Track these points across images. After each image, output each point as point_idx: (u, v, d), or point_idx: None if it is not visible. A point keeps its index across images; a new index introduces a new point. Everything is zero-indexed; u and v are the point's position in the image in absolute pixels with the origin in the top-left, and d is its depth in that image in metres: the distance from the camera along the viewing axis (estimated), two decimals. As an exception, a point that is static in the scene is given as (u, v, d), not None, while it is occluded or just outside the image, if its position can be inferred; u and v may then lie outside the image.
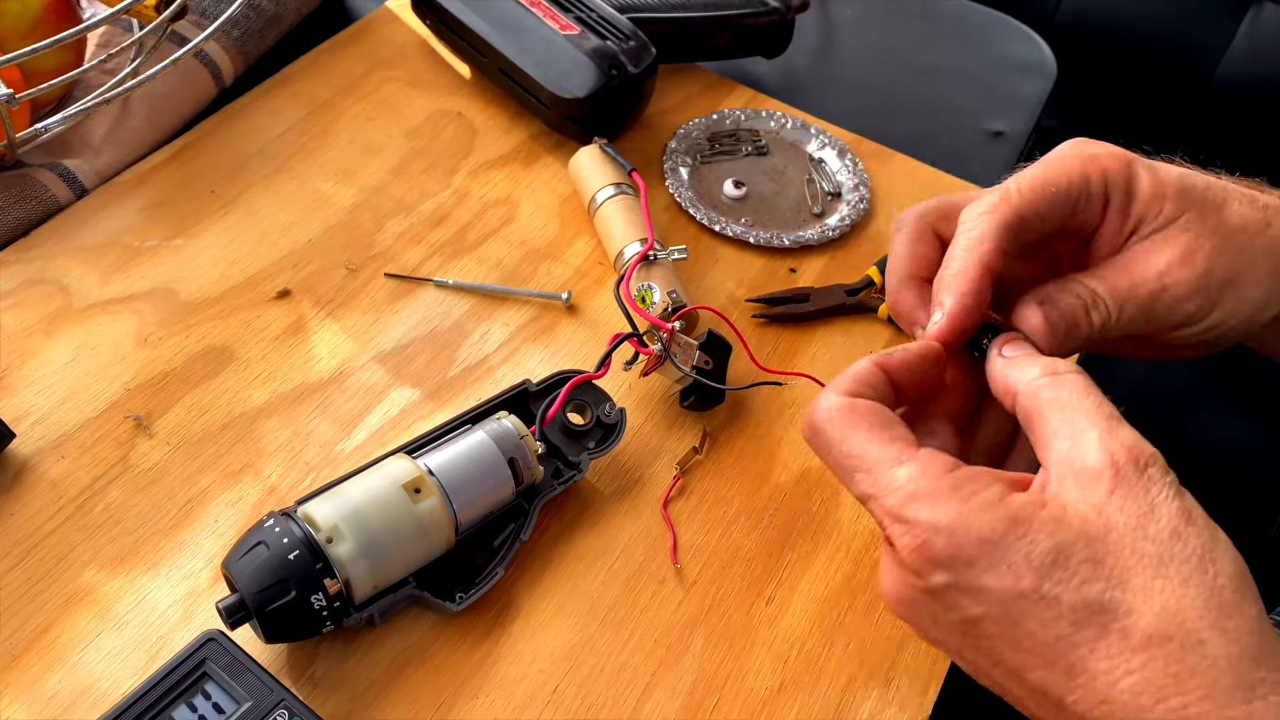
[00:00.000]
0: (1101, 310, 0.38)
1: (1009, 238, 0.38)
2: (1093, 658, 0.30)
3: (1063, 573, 0.30)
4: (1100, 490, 0.31)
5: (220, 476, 0.46)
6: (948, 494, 0.31)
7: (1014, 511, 0.31)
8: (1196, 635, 0.29)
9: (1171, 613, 0.29)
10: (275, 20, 0.64)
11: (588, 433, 0.47)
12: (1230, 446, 1.05)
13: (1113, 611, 0.30)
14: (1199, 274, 0.38)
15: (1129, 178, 0.39)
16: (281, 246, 0.55)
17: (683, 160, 0.63)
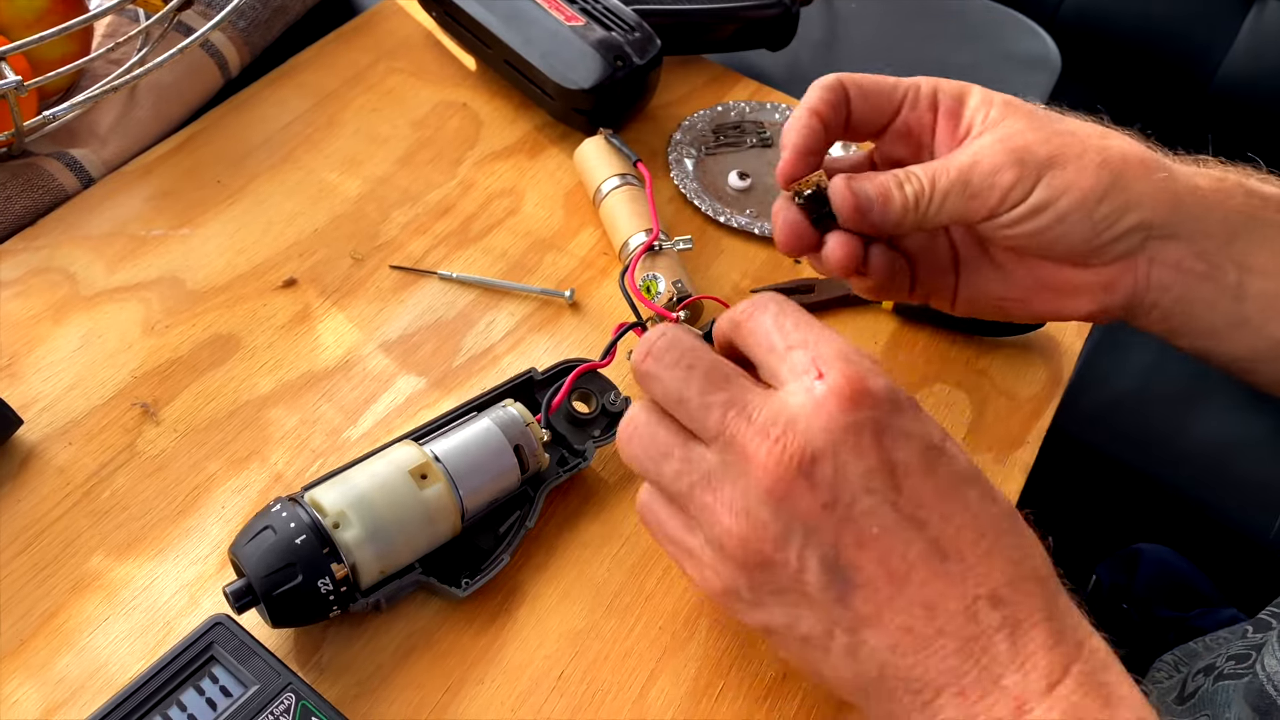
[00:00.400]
0: (914, 183, 0.42)
1: (833, 91, 0.44)
2: (983, 512, 0.34)
3: (951, 444, 0.35)
4: None
5: (227, 463, 0.46)
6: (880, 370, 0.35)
7: None
8: (1023, 519, 0.35)
9: (1008, 501, 0.35)
10: (281, 11, 0.64)
11: (593, 421, 0.47)
12: (1234, 443, 1.05)
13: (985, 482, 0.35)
14: (1013, 148, 0.42)
15: (961, 89, 0.45)
16: (287, 236, 0.55)
17: (687, 152, 0.63)
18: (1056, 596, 0.34)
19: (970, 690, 0.32)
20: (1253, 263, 0.43)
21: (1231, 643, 0.63)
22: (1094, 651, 0.33)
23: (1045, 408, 0.53)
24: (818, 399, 0.33)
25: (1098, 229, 0.42)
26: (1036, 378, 0.54)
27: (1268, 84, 1.36)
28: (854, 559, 0.33)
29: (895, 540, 0.33)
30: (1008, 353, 0.55)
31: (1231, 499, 1.02)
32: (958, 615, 0.32)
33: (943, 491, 0.34)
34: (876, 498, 0.33)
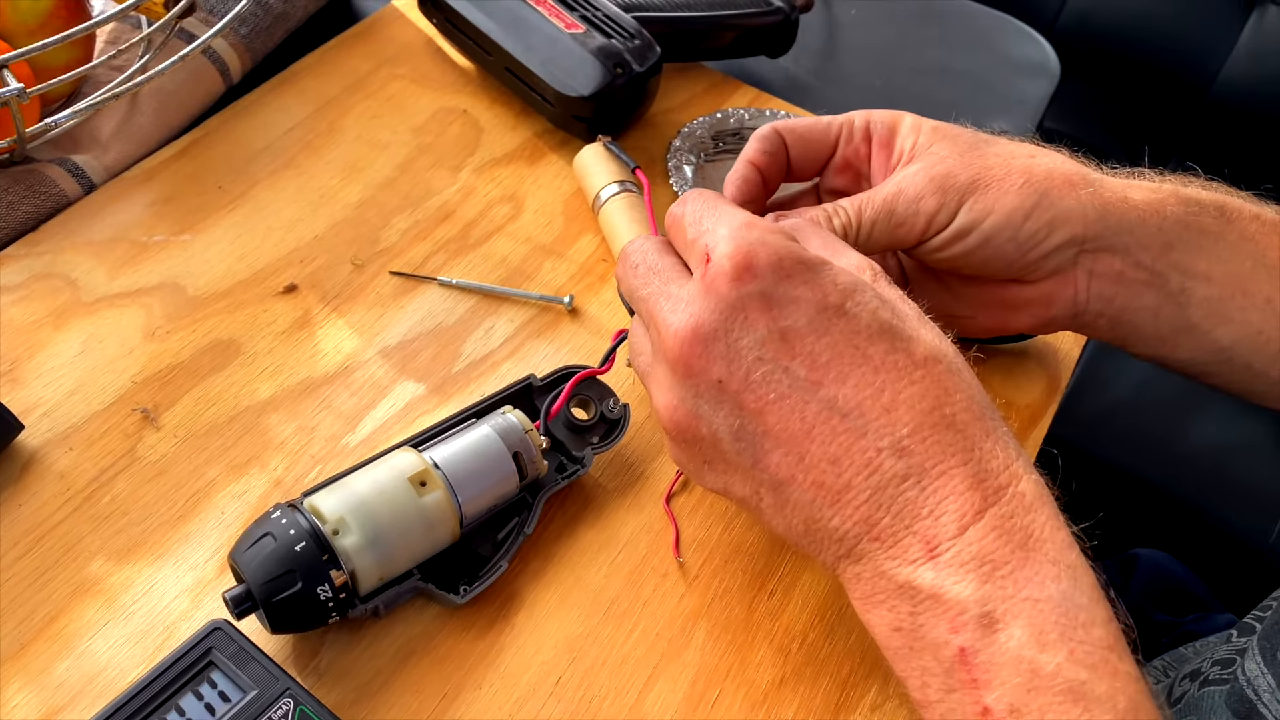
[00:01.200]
0: (842, 215, 0.44)
1: (770, 141, 0.47)
2: (884, 367, 0.35)
3: (860, 297, 0.36)
4: (866, 276, 0.37)
5: (227, 469, 0.46)
6: (777, 231, 0.37)
7: (823, 256, 0.37)
8: (956, 364, 0.36)
9: (938, 345, 0.36)
10: (283, 18, 0.64)
11: (592, 428, 0.47)
12: (1232, 447, 1.05)
13: (898, 334, 0.35)
14: (933, 176, 0.44)
15: (893, 118, 0.47)
16: (288, 242, 0.55)
17: (687, 159, 0.63)
18: (979, 440, 0.34)
19: (884, 536, 0.34)
20: (1193, 268, 0.45)
21: (1218, 648, 0.63)
22: (1019, 495, 0.34)
23: (1043, 415, 0.53)
24: (708, 280, 0.36)
25: (1024, 248, 0.44)
26: (1034, 385, 0.54)
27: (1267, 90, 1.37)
28: (758, 425, 0.36)
29: (792, 403, 0.35)
30: (1005, 360, 0.55)
31: (1229, 504, 1.03)
32: (862, 468, 0.34)
33: (838, 350, 0.35)
34: (769, 365, 0.35)
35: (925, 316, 0.37)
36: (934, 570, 0.33)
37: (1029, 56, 0.77)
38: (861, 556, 0.35)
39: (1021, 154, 0.45)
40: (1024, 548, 0.33)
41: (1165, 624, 0.71)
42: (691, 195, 0.40)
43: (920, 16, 0.79)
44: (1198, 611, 0.72)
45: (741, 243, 0.36)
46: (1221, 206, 0.45)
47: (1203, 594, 0.75)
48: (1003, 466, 0.34)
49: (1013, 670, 0.31)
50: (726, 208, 0.39)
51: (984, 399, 0.36)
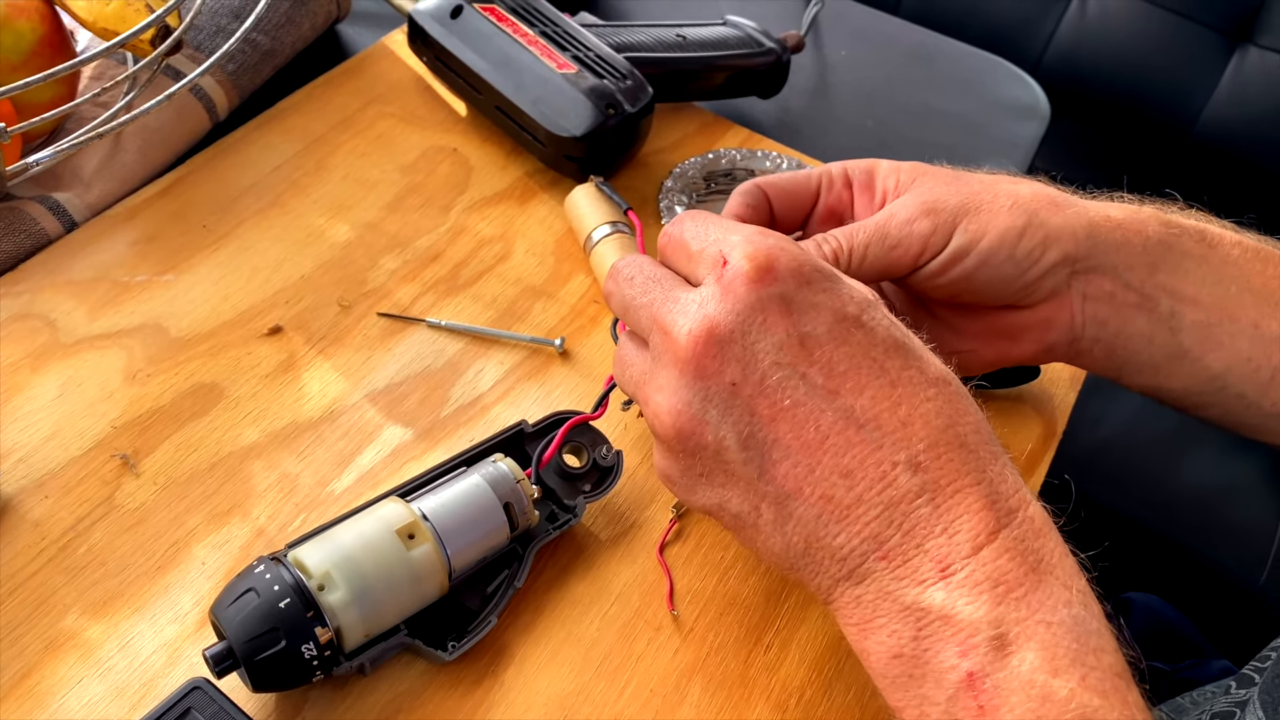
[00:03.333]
0: (831, 243, 0.44)
1: (753, 195, 0.47)
2: (901, 380, 0.34)
3: (876, 313, 0.35)
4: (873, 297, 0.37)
5: (208, 517, 0.45)
6: (791, 241, 0.37)
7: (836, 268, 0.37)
8: (963, 390, 0.36)
9: (945, 369, 0.36)
10: (270, 55, 0.63)
11: (584, 475, 0.46)
12: (1224, 487, 1.05)
13: (911, 351, 0.35)
14: (923, 200, 0.44)
15: (870, 164, 0.47)
16: (274, 282, 0.54)
17: (679, 199, 0.63)
18: (989, 463, 0.34)
19: (893, 554, 0.33)
20: (1181, 291, 0.45)
21: (1217, 698, 0.62)
22: (1029, 519, 0.33)
23: (1040, 462, 0.53)
24: (725, 282, 0.35)
25: (1022, 266, 0.44)
26: (1031, 431, 0.54)
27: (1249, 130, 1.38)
28: (769, 433, 0.35)
29: (807, 411, 0.34)
30: (1002, 406, 0.55)
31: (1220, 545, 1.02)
32: (876, 482, 0.33)
33: (856, 361, 0.34)
34: (786, 370, 0.34)
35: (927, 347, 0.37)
36: (945, 590, 0.32)
37: (1019, 98, 0.77)
38: (865, 577, 0.34)
39: (1004, 181, 0.45)
40: (1036, 571, 0.32)
41: (1160, 671, 0.70)
42: (688, 214, 0.39)
43: (910, 58, 0.80)
44: (1192, 658, 0.71)
45: (761, 246, 0.35)
46: (1202, 231, 0.46)
47: (1196, 639, 0.75)
48: (1013, 490, 0.34)
49: (1023, 695, 0.31)
50: (731, 220, 0.38)
51: (989, 426, 0.36)
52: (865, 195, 0.47)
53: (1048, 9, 1.35)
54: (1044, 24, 1.35)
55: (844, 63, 0.78)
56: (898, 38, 0.82)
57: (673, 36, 0.66)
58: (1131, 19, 1.34)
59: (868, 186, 0.47)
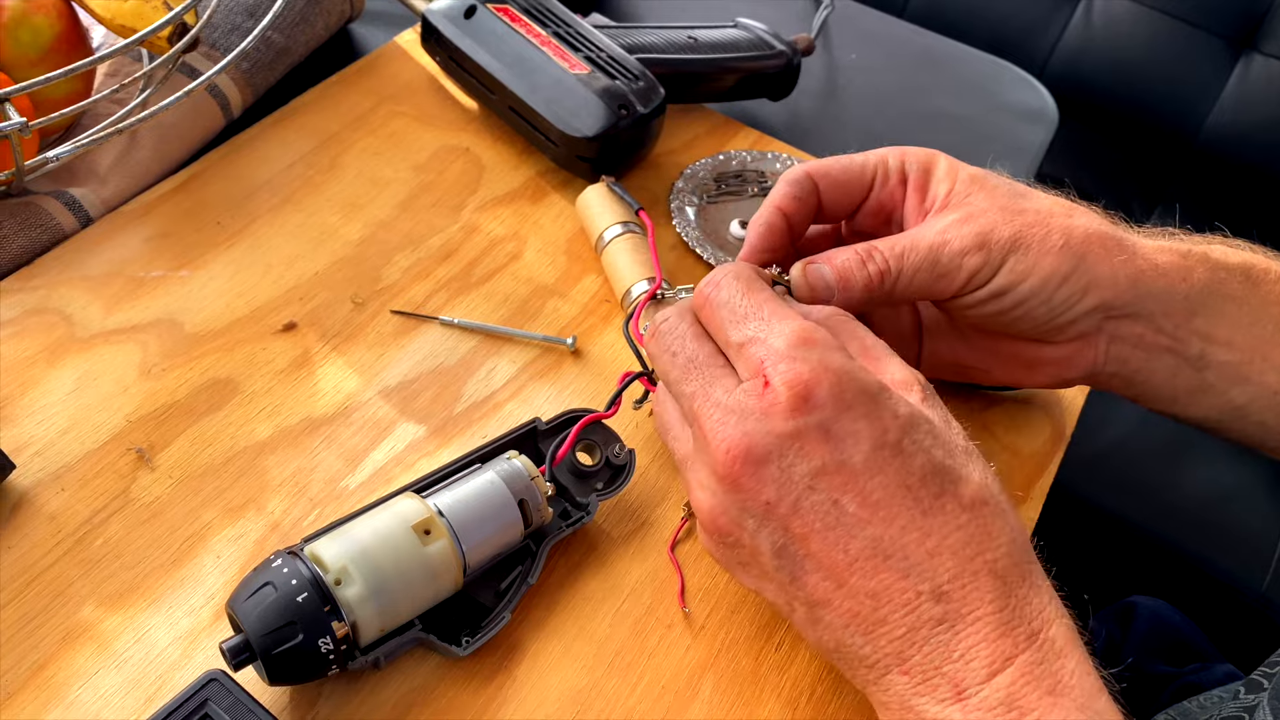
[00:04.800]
0: (878, 261, 0.43)
1: (801, 186, 0.46)
2: (932, 512, 0.34)
3: (917, 434, 0.35)
4: (914, 397, 0.37)
5: (223, 511, 0.45)
6: (837, 346, 0.36)
7: (886, 379, 0.37)
8: (1001, 504, 0.36)
9: (985, 484, 0.36)
10: (285, 53, 0.64)
11: (596, 473, 0.46)
12: (1223, 493, 1.05)
13: (948, 475, 0.35)
14: (979, 230, 0.43)
15: (928, 160, 0.46)
16: (287, 279, 0.55)
17: (689, 200, 0.63)
18: (1016, 586, 0.34)
19: (914, 672, 0.34)
20: (1215, 335, 0.44)
21: (1225, 703, 0.62)
22: (1049, 641, 0.34)
23: (1048, 464, 0.53)
24: (765, 405, 0.35)
25: (1055, 311, 0.44)
26: (1039, 433, 0.54)
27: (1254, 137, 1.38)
28: (802, 548, 0.36)
29: (838, 536, 0.35)
30: (1010, 408, 0.55)
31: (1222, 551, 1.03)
32: (900, 607, 0.34)
33: (890, 490, 0.35)
34: (820, 495, 0.35)
35: (972, 447, 0.37)
36: (961, 712, 0.33)
37: (1027, 103, 0.78)
38: (890, 687, 0.35)
39: (1060, 212, 0.44)
40: (1053, 693, 0.33)
41: (1166, 675, 0.70)
42: (725, 278, 0.39)
43: (919, 62, 0.80)
44: (1197, 662, 0.72)
45: (802, 369, 0.35)
46: (1248, 270, 0.45)
47: (1201, 643, 0.75)
48: (1036, 612, 0.34)
49: None
50: (772, 305, 0.38)
51: (1023, 541, 0.36)
52: (917, 195, 0.46)
53: (1053, 14, 1.35)
54: (1049, 29, 1.35)
55: (853, 65, 0.78)
56: (907, 41, 0.82)
57: (684, 38, 0.67)
58: (1136, 25, 1.35)
59: (921, 187, 0.46)
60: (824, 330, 0.37)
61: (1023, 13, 1.37)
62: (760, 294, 0.38)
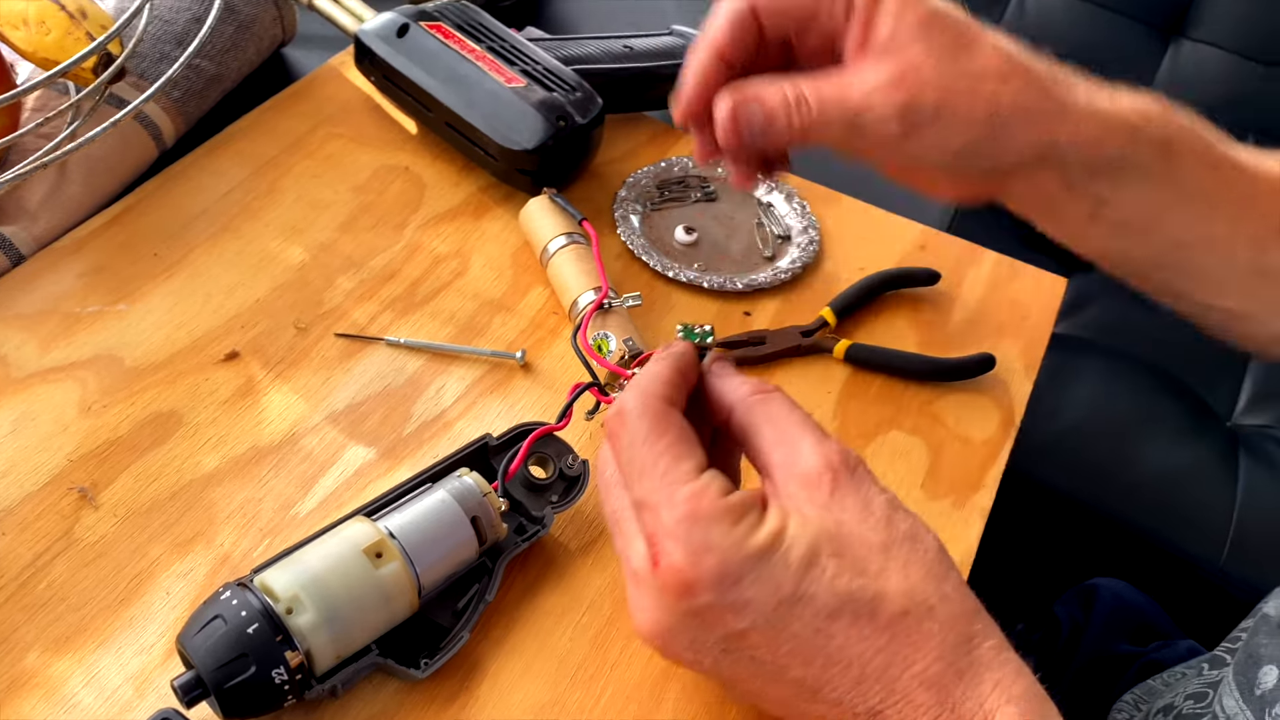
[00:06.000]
0: (804, 112, 0.41)
1: (740, 26, 0.43)
2: (848, 644, 0.33)
3: (815, 571, 0.33)
4: (824, 491, 0.35)
5: (171, 547, 0.45)
6: (722, 515, 0.34)
7: (773, 528, 0.34)
8: (926, 604, 0.33)
9: (905, 590, 0.33)
10: (217, 79, 0.63)
11: (550, 486, 0.46)
12: (1179, 472, 1.07)
13: (859, 600, 0.33)
14: (905, 101, 0.41)
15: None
16: (228, 308, 0.54)
17: (633, 208, 0.63)
18: (950, 690, 0.33)
19: None
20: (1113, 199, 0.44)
21: (1190, 680, 0.63)
22: None
23: (1000, 450, 0.53)
24: (659, 584, 0.34)
25: (960, 172, 0.43)
26: (989, 420, 0.55)
27: (1187, 121, 1.41)
28: (734, 685, 0.36)
29: (764, 683, 0.35)
30: (959, 396, 0.56)
31: (1179, 528, 1.04)
32: None
33: (802, 638, 0.34)
34: (734, 655, 0.35)
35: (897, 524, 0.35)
36: None
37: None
38: None
39: (994, 74, 0.42)
40: None
41: (1130, 655, 0.71)
42: (630, 416, 0.36)
43: (855, 61, 0.80)
44: (1160, 640, 0.73)
45: (685, 559, 0.34)
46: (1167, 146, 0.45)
47: (1163, 622, 0.76)
48: (976, 708, 0.33)
49: None
50: (669, 458, 0.35)
51: (960, 628, 0.34)
52: (860, 28, 0.42)
53: (988, 8, 1.37)
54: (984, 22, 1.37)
55: (790, 68, 0.78)
56: (842, 42, 0.83)
57: (620, 48, 0.67)
58: (1069, 16, 1.37)
59: (866, 21, 0.42)
60: (714, 488, 0.34)
61: (957, 8, 1.39)
62: (660, 441, 0.36)
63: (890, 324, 0.59)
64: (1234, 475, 1.08)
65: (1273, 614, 0.58)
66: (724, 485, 0.35)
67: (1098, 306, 1.22)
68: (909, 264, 0.63)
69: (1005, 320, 0.60)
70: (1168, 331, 1.21)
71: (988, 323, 0.60)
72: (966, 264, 0.63)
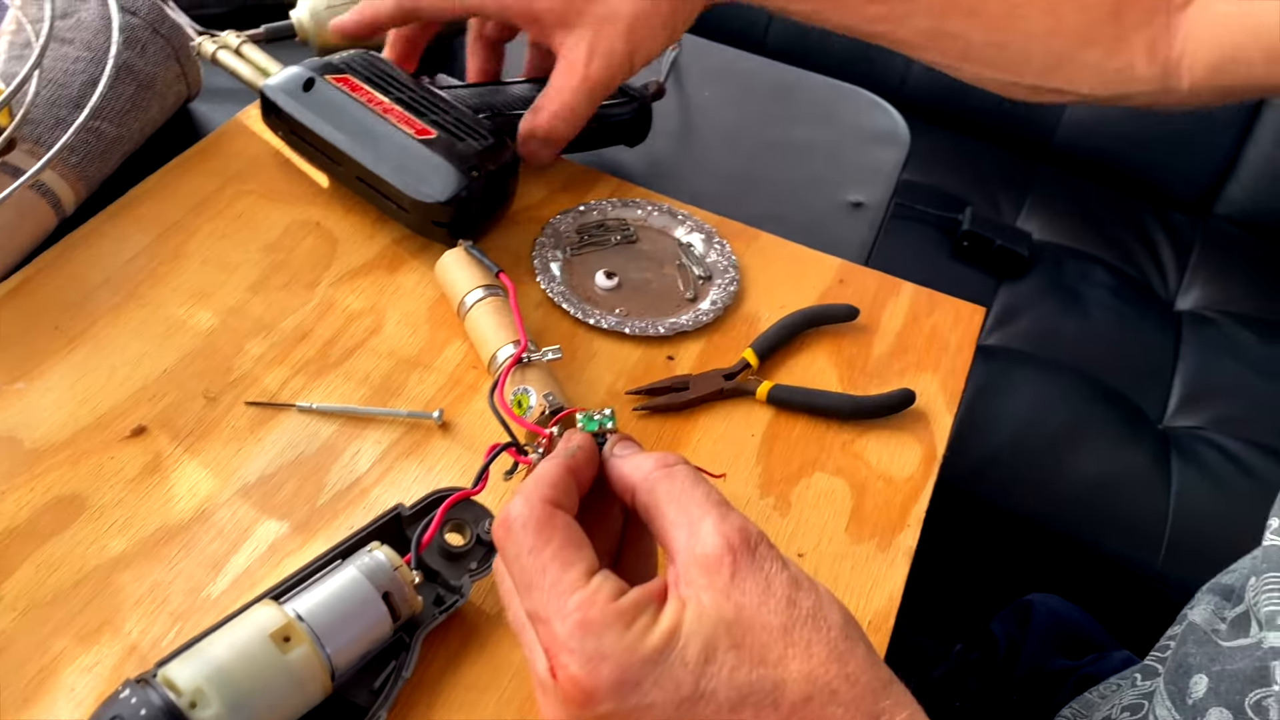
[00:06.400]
0: None
1: None
2: None
3: (713, 666, 0.33)
4: (724, 575, 0.34)
5: (75, 639, 0.43)
6: (614, 620, 0.33)
7: (668, 625, 0.33)
8: (829, 688, 0.33)
9: (807, 674, 0.33)
10: (118, 141, 0.61)
11: (468, 553, 0.45)
12: (1115, 479, 1.09)
13: (759, 690, 0.33)
14: None
15: None
16: (134, 380, 0.52)
17: (553, 255, 0.63)
18: None
19: None
20: None
21: (1124, 691, 0.64)
22: None
23: (923, 488, 0.54)
24: (560, 695, 0.34)
25: None
26: (912, 457, 0.55)
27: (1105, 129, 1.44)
28: None
29: None
30: (882, 434, 0.56)
31: (1117, 535, 1.06)
32: None
33: None
34: None
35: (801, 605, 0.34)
36: None
37: (880, 126, 0.79)
38: None
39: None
40: None
41: (1066, 669, 0.72)
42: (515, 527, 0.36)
43: (772, 94, 0.81)
44: (1095, 652, 0.73)
45: (582, 670, 0.33)
46: None
47: (1098, 634, 0.77)
48: None
49: None
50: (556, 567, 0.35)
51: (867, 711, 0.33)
52: None
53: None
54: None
55: (708, 103, 0.79)
56: (759, 74, 0.83)
57: (533, 93, 0.66)
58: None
59: None
60: (604, 592, 0.34)
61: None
62: (545, 549, 0.35)
63: (812, 362, 0.59)
64: (1167, 478, 1.11)
65: (1199, 621, 0.59)
66: (615, 587, 0.34)
67: (1027, 317, 1.24)
68: (829, 299, 0.63)
69: (925, 352, 0.60)
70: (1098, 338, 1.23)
71: (908, 356, 0.60)
72: (886, 296, 0.63)
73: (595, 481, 0.40)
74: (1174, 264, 1.37)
